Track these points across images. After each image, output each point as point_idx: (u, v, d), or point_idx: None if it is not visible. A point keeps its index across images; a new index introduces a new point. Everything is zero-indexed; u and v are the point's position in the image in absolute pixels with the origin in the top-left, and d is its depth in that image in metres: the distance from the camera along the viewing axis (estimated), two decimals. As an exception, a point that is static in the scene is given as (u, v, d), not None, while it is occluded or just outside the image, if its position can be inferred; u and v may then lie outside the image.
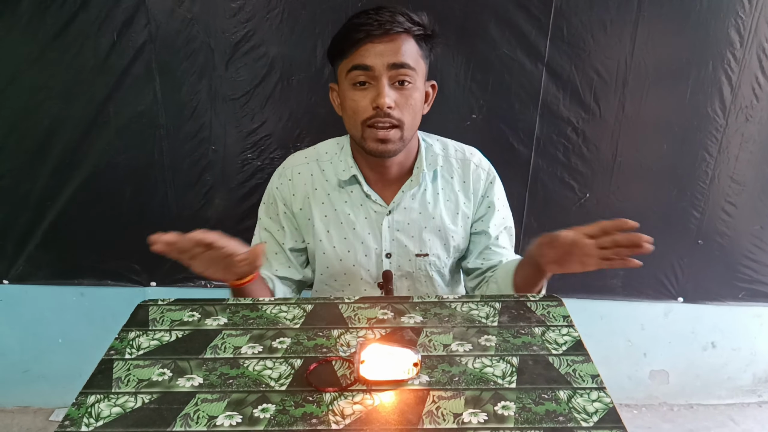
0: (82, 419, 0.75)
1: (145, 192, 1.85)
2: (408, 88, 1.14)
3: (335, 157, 1.29)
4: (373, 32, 1.09)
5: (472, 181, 1.30)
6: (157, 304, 1.03)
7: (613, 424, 0.75)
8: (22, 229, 1.89)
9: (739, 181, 1.88)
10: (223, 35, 1.67)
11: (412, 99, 1.15)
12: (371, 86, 1.13)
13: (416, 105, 1.16)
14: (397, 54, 1.11)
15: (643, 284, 2.03)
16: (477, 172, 1.30)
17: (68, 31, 1.65)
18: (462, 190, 1.30)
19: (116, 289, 1.98)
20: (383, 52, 1.10)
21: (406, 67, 1.12)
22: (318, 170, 1.29)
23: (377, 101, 1.12)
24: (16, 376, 2.17)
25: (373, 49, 1.11)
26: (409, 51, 1.13)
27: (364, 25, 1.09)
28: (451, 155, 1.31)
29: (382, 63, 1.11)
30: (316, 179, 1.28)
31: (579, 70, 1.73)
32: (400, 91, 1.13)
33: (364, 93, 1.14)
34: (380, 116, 1.13)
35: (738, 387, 2.28)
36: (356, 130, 1.17)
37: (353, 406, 0.78)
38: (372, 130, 1.15)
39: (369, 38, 1.10)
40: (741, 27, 1.69)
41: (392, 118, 1.13)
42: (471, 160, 1.31)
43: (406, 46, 1.12)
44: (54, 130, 1.76)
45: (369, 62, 1.11)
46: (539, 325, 0.97)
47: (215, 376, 0.84)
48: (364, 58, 1.11)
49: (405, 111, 1.14)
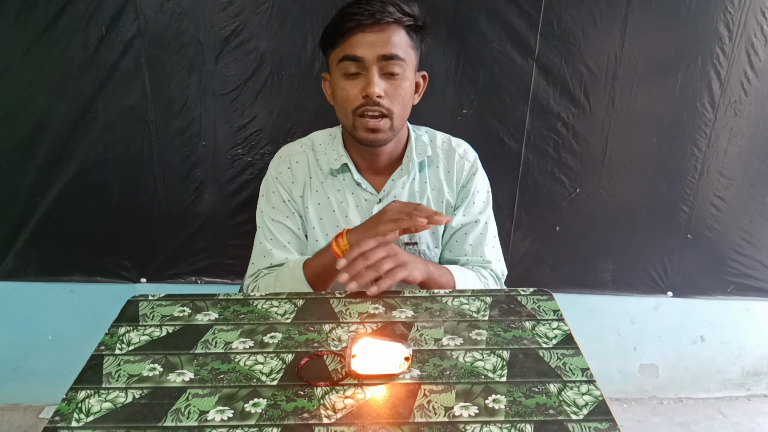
0: (73, 415, 0.75)
1: (134, 187, 1.84)
2: (398, 78, 1.15)
3: (328, 147, 1.30)
4: (363, 21, 1.10)
5: (455, 171, 1.31)
6: (148, 300, 1.03)
7: (603, 417, 0.75)
8: (10, 226, 1.88)
9: (727, 176, 1.89)
10: (213, 30, 1.67)
11: (402, 89, 1.16)
12: (361, 76, 1.14)
13: (406, 95, 1.18)
14: (387, 45, 1.12)
15: (632, 278, 2.04)
16: (461, 162, 1.32)
17: (56, 26, 1.64)
18: (446, 179, 1.31)
19: (106, 285, 1.97)
20: (374, 42, 1.11)
21: (396, 59, 1.13)
22: (313, 159, 1.30)
23: (367, 90, 1.13)
24: (5, 374, 2.16)
25: (364, 40, 1.11)
26: (400, 41, 1.13)
27: (355, 14, 1.10)
28: (437, 146, 1.32)
29: (372, 54, 1.11)
30: (311, 167, 1.30)
31: (569, 65, 1.74)
32: (390, 81, 1.15)
33: (354, 82, 1.15)
34: (370, 105, 1.14)
35: (727, 380, 2.29)
36: (347, 119, 1.19)
37: (344, 400, 0.78)
38: (362, 119, 1.16)
39: (360, 28, 1.11)
40: (730, 22, 1.70)
41: (381, 107, 1.15)
42: (456, 151, 1.32)
43: (397, 36, 1.13)
44: (42, 125, 1.75)
45: (359, 53, 1.12)
46: (530, 319, 0.97)
47: (206, 371, 0.84)
48: (354, 48, 1.12)
49: (394, 101, 1.16)
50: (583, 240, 1.96)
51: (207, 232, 1.89)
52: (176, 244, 1.90)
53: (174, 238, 1.90)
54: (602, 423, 0.74)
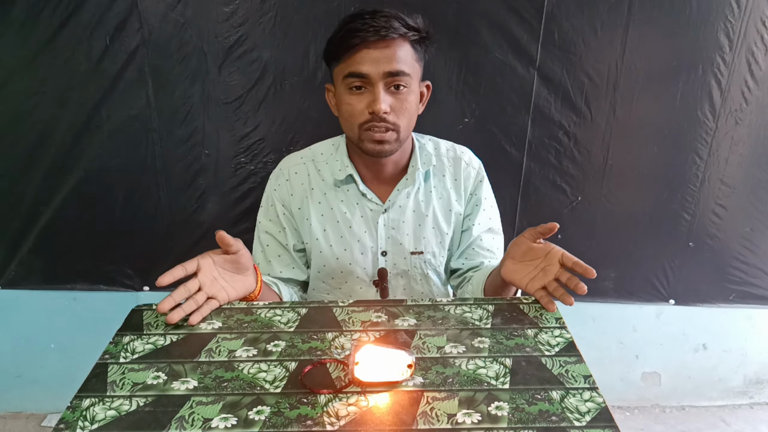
0: (77, 422, 0.75)
1: (138, 196, 1.85)
2: (403, 92, 1.15)
3: (331, 157, 1.30)
4: (368, 38, 1.09)
5: (462, 179, 1.32)
6: (152, 309, 1.03)
7: (606, 423, 0.75)
8: (14, 234, 1.88)
9: (729, 184, 1.90)
10: (216, 39, 1.68)
11: (407, 102, 1.16)
12: (367, 91, 1.14)
13: (411, 108, 1.18)
14: (392, 61, 1.11)
15: (634, 286, 2.05)
16: (467, 170, 1.33)
17: (61, 35, 1.65)
18: (453, 187, 1.32)
19: (109, 293, 1.98)
20: (379, 58, 1.10)
21: (402, 74, 1.12)
22: (314, 170, 1.30)
23: (373, 107, 1.12)
24: (8, 382, 2.16)
25: (369, 56, 1.10)
26: (405, 56, 1.13)
27: (360, 30, 1.09)
28: (442, 154, 1.33)
29: (377, 71, 1.11)
30: (312, 179, 1.29)
31: (570, 74, 1.75)
32: (396, 96, 1.14)
33: (360, 97, 1.14)
34: (376, 121, 1.14)
35: (729, 389, 2.29)
36: (353, 132, 1.18)
37: (348, 407, 0.78)
38: (369, 132, 1.16)
39: (365, 44, 1.10)
40: (730, 31, 1.71)
41: (388, 122, 1.15)
42: (462, 158, 1.33)
43: (402, 51, 1.12)
44: (47, 134, 1.76)
45: (365, 70, 1.11)
46: (532, 326, 0.97)
47: (210, 379, 0.84)
48: (359, 65, 1.11)
49: (400, 115, 1.16)
50: (584, 248, 1.96)
51: (210, 240, 1.89)
52: (179, 252, 1.90)
53: (177, 246, 1.90)
54: (605, 430, 0.74)
